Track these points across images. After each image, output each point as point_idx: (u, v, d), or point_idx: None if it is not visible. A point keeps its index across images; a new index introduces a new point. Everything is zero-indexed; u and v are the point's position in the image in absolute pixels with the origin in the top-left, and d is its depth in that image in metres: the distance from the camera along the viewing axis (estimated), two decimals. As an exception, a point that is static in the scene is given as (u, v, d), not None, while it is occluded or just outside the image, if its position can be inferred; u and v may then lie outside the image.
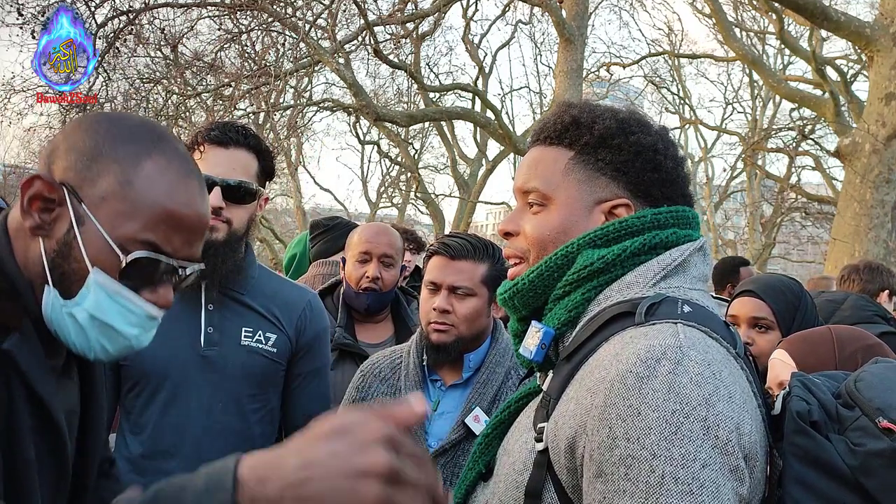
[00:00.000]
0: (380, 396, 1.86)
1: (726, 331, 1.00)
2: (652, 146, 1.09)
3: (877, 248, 6.76)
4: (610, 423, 0.89)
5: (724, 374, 0.90)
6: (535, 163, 1.14)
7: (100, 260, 0.97)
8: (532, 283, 1.09)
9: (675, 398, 0.86)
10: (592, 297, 1.05)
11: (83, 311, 0.98)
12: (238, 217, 1.76)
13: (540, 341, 1.07)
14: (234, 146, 1.76)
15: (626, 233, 1.06)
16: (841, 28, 7.22)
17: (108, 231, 0.97)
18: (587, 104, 1.15)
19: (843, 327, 1.62)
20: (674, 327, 0.94)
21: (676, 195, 1.11)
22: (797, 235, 18.68)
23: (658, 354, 0.89)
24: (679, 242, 1.07)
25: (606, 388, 0.90)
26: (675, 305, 0.98)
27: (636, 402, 0.87)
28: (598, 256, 1.04)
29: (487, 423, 1.21)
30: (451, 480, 1.70)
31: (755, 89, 20.22)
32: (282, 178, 20.48)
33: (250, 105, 10.46)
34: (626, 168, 1.08)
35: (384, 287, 2.41)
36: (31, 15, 7.94)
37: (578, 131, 1.10)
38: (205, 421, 1.71)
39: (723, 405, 0.86)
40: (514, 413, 1.17)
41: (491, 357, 1.83)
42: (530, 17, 17.68)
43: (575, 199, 1.09)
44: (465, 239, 1.85)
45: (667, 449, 0.84)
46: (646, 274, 1.04)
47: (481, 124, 10.95)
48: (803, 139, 15.51)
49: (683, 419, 0.85)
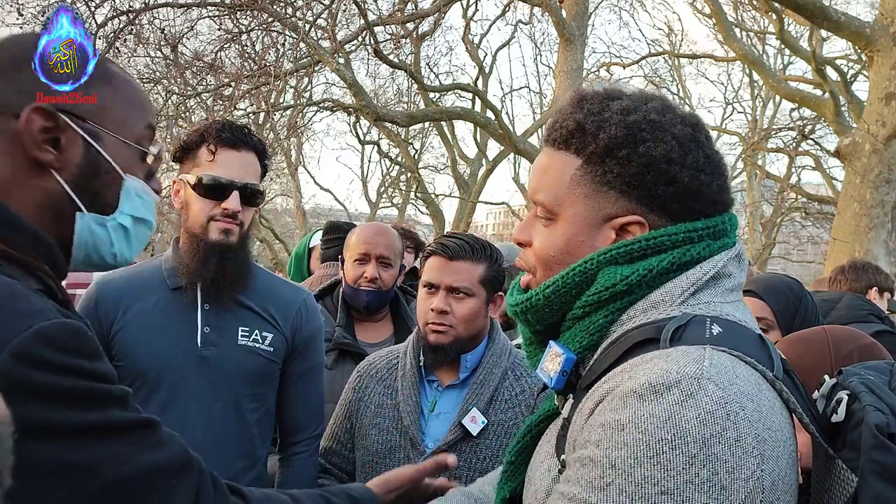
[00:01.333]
0: (376, 396, 1.86)
1: (761, 350, 0.90)
2: (664, 157, 0.96)
3: (877, 248, 6.76)
4: (590, 427, 0.85)
5: (741, 415, 0.80)
6: (543, 170, 1.05)
7: (128, 165, 1.03)
8: (547, 299, 1.01)
9: (671, 429, 0.78)
10: (615, 318, 0.97)
11: (127, 216, 1.04)
12: (248, 219, 1.78)
13: (561, 368, 0.98)
14: (244, 148, 1.77)
15: (653, 250, 0.96)
16: (841, 28, 7.22)
17: (124, 135, 1.02)
18: (600, 101, 1.02)
19: (838, 327, 1.63)
20: (700, 352, 0.85)
21: (703, 205, 0.98)
22: (797, 235, 18.69)
23: (671, 381, 0.81)
24: (712, 255, 0.97)
25: (607, 400, 0.85)
26: (703, 327, 0.89)
27: (625, 418, 0.81)
28: (620, 277, 0.95)
29: (510, 450, 1.14)
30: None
31: (755, 89, 20.22)
32: (282, 178, 20.51)
33: (250, 105, 10.45)
34: (637, 182, 0.96)
35: (383, 287, 2.41)
36: (31, 15, 7.96)
37: (584, 139, 1.00)
38: (204, 421, 1.71)
39: (721, 447, 0.77)
40: (535, 437, 1.11)
41: (488, 357, 1.83)
42: (530, 17, 17.71)
43: (581, 216, 1.00)
44: (462, 239, 1.85)
45: (631, 467, 0.78)
46: (673, 292, 0.95)
47: (481, 124, 10.95)
48: (803, 139, 15.50)
49: (668, 450, 0.77)
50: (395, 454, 1.76)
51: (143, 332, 1.71)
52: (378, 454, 1.78)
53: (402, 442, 1.76)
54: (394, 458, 1.76)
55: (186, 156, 1.77)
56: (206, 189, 1.71)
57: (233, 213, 1.71)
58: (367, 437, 1.82)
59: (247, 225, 1.78)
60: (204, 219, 1.72)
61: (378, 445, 1.79)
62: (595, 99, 1.03)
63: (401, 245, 2.55)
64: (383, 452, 1.78)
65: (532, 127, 18.90)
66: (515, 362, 1.85)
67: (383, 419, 1.81)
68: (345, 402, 1.94)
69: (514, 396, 1.78)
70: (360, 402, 1.88)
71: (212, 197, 1.71)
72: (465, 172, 19.81)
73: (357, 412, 1.88)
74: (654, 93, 1.06)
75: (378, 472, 1.78)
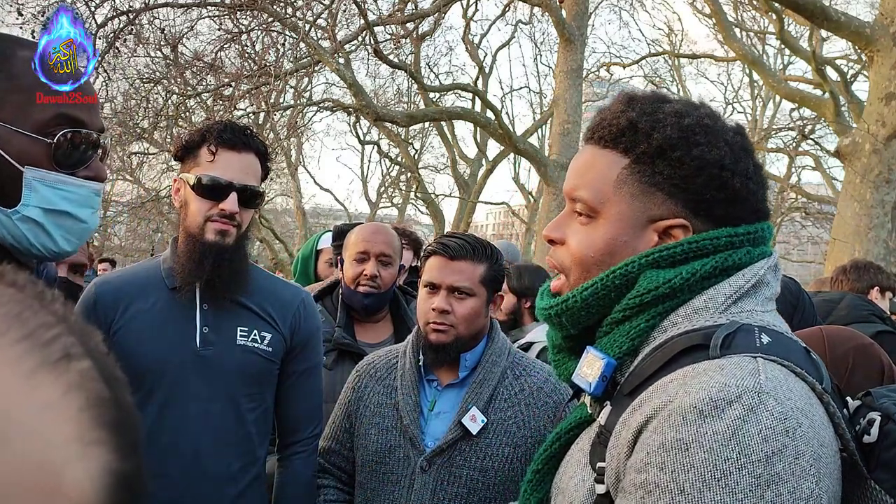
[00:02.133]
0: (376, 396, 1.86)
1: (809, 362, 0.89)
2: (717, 162, 0.94)
3: (877, 248, 6.75)
4: (649, 448, 0.82)
5: (799, 431, 0.79)
6: (586, 167, 1.02)
7: (28, 156, 0.98)
8: (585, 302, 0.99)
9: (736, 446, 0.77)
10: (657, 323, 0.95)
11: (33, 208, 0.99)
12: (246, 220, 1.78)
13: (601, 373, 0.96)
14: (244, 150, 1.76)
15: (695, 254, 0.94)
16: (841, 28, 7.22)
17: (21, 125, 0.97)
18: (651, 102, 1.01)
19: (834, 328, 1.62)
20: (754, 364, 0.83)
21: (746, 213, 0.98)
22: (797, 235, 18.71)
23: (732, 396, 0.79)
24: (753, 262, 0.97)
25: (663, 416, 0.82)
26: (753, 336, 0.88)
27: (688, 437, 0.79)
28: (663, 280, 0.93)
29: (537, 458, 1.11)
30: (447, 480, 1.70)
31: (755, 89, 20.23)
32: (282, 178, 20.51)
33: (250, 105, 10.45)
34: (686, 184, 0.95)
35: (382, 286, 2.41)
36: (31, 15, 7.96)
37: (635, 137, 0.97)
38: (202, 421, 1.71)
39: (782, 466, 0.77)
40: (564, 445, 1.08)
41: (487, 356, 1.83)
42: (530, 17, 17.72)
43: (626, 215, 0.98)
44: (463, 239, 1.85)
45: (700, 491, 0.76)
46: (716, 298, 0.93)
47: (481, 124, 10.94)
48: (803, 139, 15.52)
49: (735, 469, 0.76)
50: (394, 453, 1.77)
51: (142, 332, 1.71)
52: (378, 454, 1.79)
53: (402, 441, 1.76)
54: (393, 457, 1.76)
55: (188, 155, 1.77)
56: (205, 189, 1.71)
57: (230, 214, 1.71)
58: (366, 436, 1.82)
59: (245, 227, 1.78)
60: (201, 219, 1.72)
61: (378, 445, 1.79)
62: (647, 100, 1.01)
63: (399, 244, 2.55)
64: (383, 452, 1.78)
65: (532, 127, 18.92)
66: (515, 361, 1.85)
67: (383, 419, 1.81)
68: (344, 401, 1.94)
69: (514, 395, 1.78)
70: (360, 402, 1.88)
71: (210, 197, 1.71)
72: (465, 172, 19.82)
73: (356, 412, 1.88)
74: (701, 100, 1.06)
75: (377, 471, 1.78)
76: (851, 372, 1.47)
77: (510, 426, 1.74)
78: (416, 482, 1.72)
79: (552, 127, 11.17)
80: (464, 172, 19.78)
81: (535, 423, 1.75)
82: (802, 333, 1.60)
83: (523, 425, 1.75)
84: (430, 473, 1.71)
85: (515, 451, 1.72)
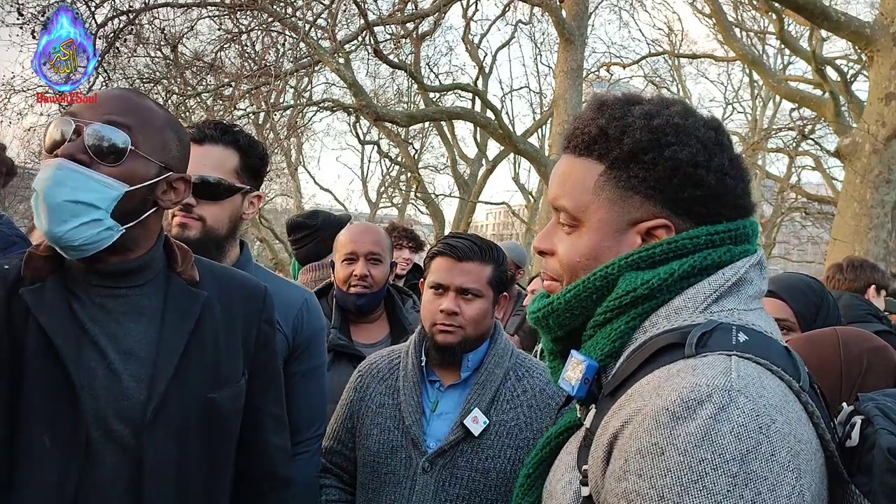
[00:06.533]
0: (378, 396, 1.86)
1: (788, 360, 0.89)
2: (690, 160, 0.95)
3: (877, 248, 6.75)
4: (626, 455, 0.82)
5: (773, 428, 0.79)
6: (564, 177, 1.04)
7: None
8: (569, 304, 1.01)
9: (709, 447, 0.77)
10: (637, 324, 0.96)
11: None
12: (212, 214, 1.74)
13: (583, 375, 0.97)
14: (208, 142, 1.75)
15: (675, 254, 0.95)
16: (841, 28, 7.22)
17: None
18: (620, 106, 1.01)
19: (849, 329, 1.61)
20: (727, 362, 0.83)
21: (726, 209, 0.98)
22: (797, 235, 18.73)
23: (702, 396, 0.79)
24: (734, 260, 0.97)
25: (637, 421, 0.83)
26: (729, 334, 0.88)
27: (662, 441, 0.79)
28: (641, 281, 0.94)
29: (528, 462, 1.12)
30: (448, 481, 1.70)
31: (755, 89, 20.24)
32: (282, 178, 20.51)
33: (250, 105, 10.46)
34: (662, 185, 0.96)
35: (374, 285, 2.41)
36: (31, 15, 7.95)
37: (607, 144, 0.99)
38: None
39: (759, 464, 0.76)
40: (554, 449, 1.09)
41: (490, 357, 1.82)
42: (530, 17, 17.72)
43: (607, 221, 0.99)
44: (469, 240, 1.85)
45: (679, 495, 0.76)
46: (696, 297, 0.94)
47: (481, 124, 10.94)
48: (803, 139, 15.52)
49: (711, 470, 0.76)
50: (396, 454, 1.76)
51: None
52: (379, 454, 1.78)
53: (404, 442, 1.76)
54: (395, 458, 1.76)
55: None
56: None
57: (185, 205, 1.69)
58: (368, 436, 1.82)
59: (213, 221, 1.74)
60: (170, 214, 1.72)
61: (380, 445, 1.79)
62: (616, 104, 1.02)
63: (389, 242, 2.55)
64: (385, 452, 1.78)
65: (532, 127, 18.92)
66: (517, 363, 1.85)
67: (385, 419, 1.81)
68: (346, 401, 1.93)
69: (516, 397, 1.78)
70: (362, 402, 1.88)
71: None
72: (465, 172, 19.83)
73: (358, 412, 1.88)
74: (675, 97, 1.06)
75: (379, 472, 1.78)
76: (866, 373, 1.45)
77: (512, 428, 1.74)
78: (417, 483, 1.71)
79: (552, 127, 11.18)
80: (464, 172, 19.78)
81: (537, 425, 1.74)
82: (817, 333, 1.58)
83: (525, 427, 1.74)
84: (432, 474, 1.71)
85: (517, 452, 1.72)
